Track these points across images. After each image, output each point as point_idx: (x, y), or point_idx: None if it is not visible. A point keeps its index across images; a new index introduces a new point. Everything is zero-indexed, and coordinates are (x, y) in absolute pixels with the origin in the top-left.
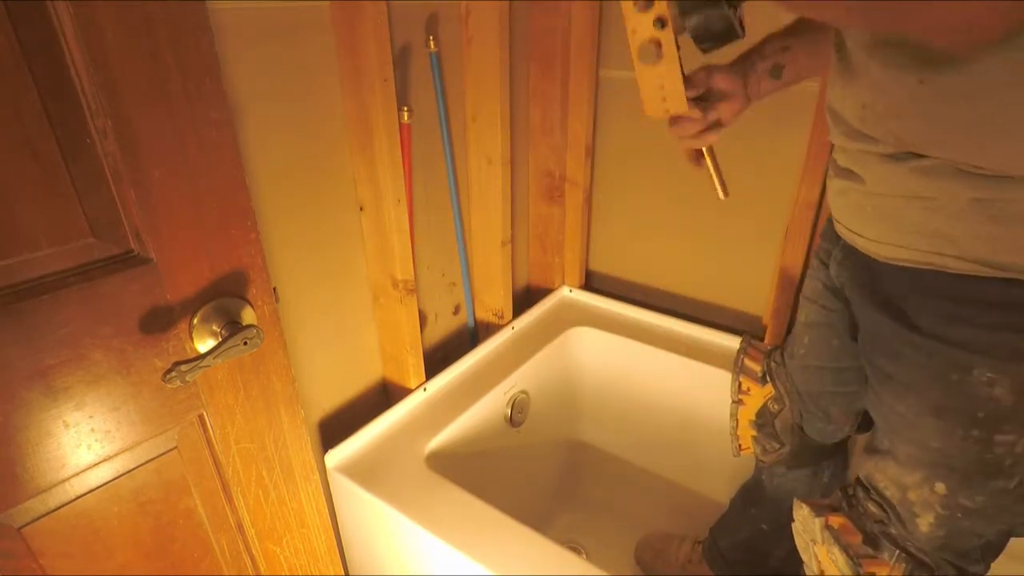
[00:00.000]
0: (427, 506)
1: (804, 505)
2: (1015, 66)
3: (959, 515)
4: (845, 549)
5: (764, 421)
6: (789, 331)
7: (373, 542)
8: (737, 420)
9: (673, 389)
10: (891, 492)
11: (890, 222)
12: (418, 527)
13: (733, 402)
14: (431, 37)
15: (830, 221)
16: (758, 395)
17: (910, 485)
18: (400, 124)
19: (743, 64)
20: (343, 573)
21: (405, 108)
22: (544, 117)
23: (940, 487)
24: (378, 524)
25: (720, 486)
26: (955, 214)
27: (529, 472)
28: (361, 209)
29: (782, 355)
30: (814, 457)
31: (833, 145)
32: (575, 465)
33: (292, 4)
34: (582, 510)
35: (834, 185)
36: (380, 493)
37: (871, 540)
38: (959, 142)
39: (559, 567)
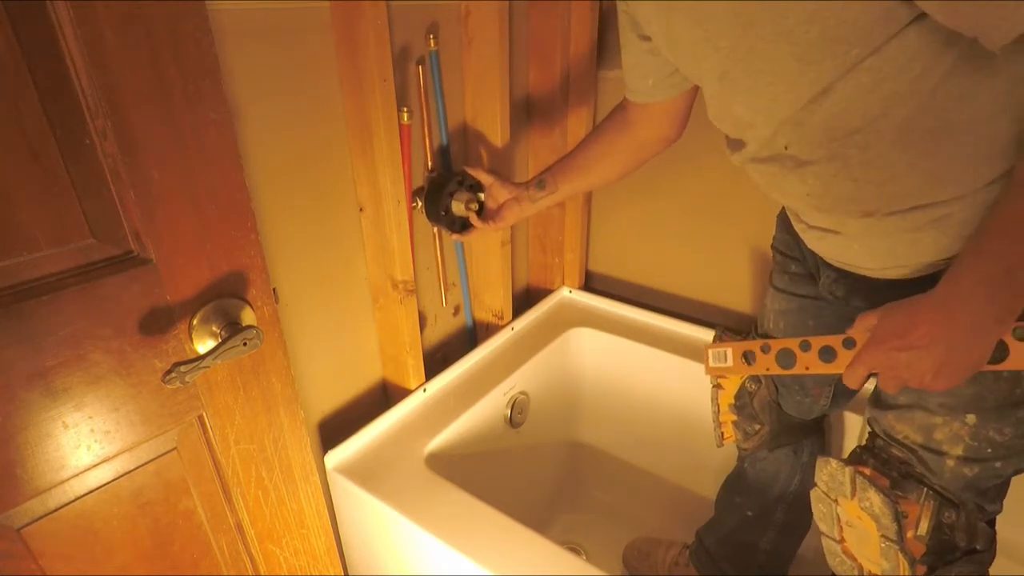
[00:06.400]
0: (427, 507)
1: (831, 460)
2: (907, 134)
3: (988, 450)
4: (881, 490)
5: (743, 402)
6: None
7: (373, 543)
8: (718, 405)
9: (673, 390)
10: (913, 438)
11: (880, 253)
12: (418, 528)
13: (713, 386)
14: (433, 36)
15: (785, 217)
16: (735, 377)
17: (937, 424)
18: (400, 124)
19: (523, 182)
20: (343, 574)
21: (405, 109)
22: (544, 117)
23: (971, 418)
24: (378, 525)
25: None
26: (933, 232)
27: (529, 473)
28: (361, 210)
29: (756, 337)
30: (793, 436)
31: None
32: (575, 466)
33: (292, 4)
34: (582, 511)
35: (809, 235)
36: (380, 494)
37: (898, 483)
38: (903, 199)
39: (559, 568)
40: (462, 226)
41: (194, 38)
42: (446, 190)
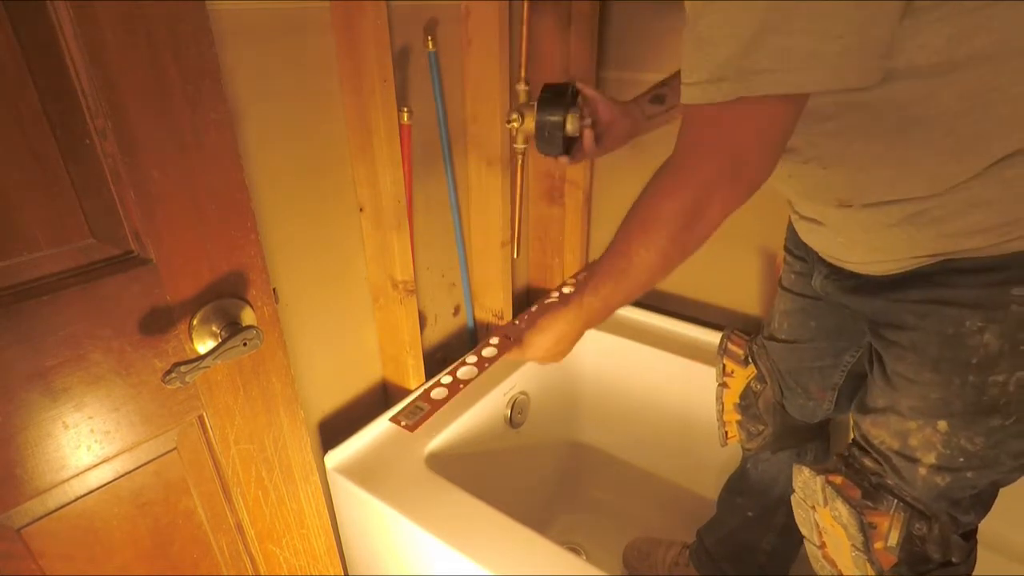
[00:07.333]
0: (427, 507)
1: (804, 468)
2: (879, 139)
3: (960, 459)
4: (848, 501)
5: (748, 402)
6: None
7: (373, 543)
8: (723, 403)
9: (672, 390)
10: (889, 443)
11: (864, 247)
12: (418, 528)
13: (718, 385)
14: (430, 37)
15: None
16: (741, 377)
17: (912, 430)
18: (400, 125)
19: (631, 99)
20: (343, 574)
21: (405, 109)
22: None
23: (942, 424)
24: (378, 525)
25: (720, 488)
26: (909, 228)
27: (529, 473)
28: (361, 210)
29: (763, 338)
30: (797, 439)
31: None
32: (575, 466)
33: (292, 4)
34: (581, 511)
35: (801, 225)
36: (380, 494)
37: (870, 494)
38: (875, 191)
39: (558, 568)
40: (566, 149)
41: (194, 38)
42: (564, 101)
